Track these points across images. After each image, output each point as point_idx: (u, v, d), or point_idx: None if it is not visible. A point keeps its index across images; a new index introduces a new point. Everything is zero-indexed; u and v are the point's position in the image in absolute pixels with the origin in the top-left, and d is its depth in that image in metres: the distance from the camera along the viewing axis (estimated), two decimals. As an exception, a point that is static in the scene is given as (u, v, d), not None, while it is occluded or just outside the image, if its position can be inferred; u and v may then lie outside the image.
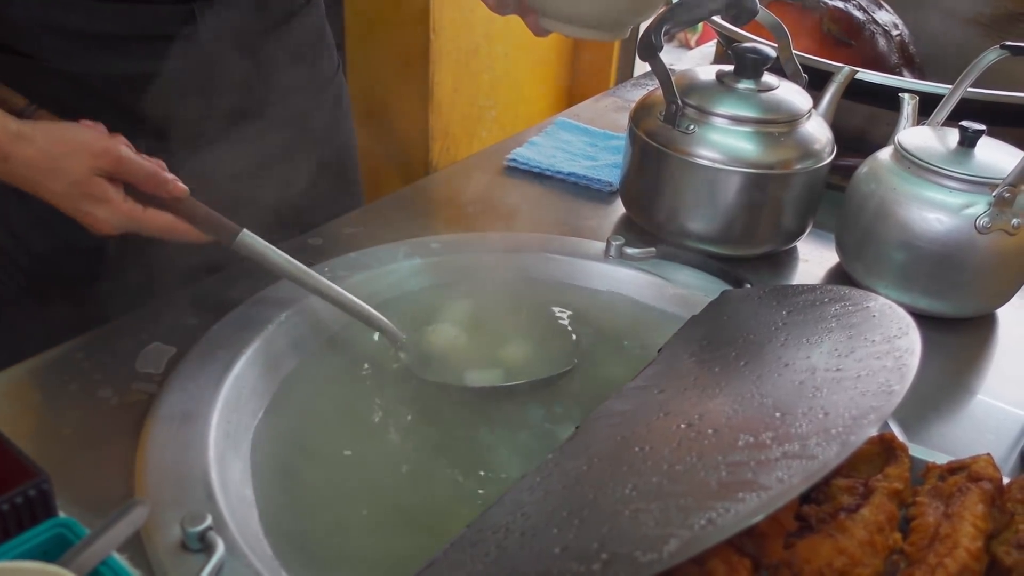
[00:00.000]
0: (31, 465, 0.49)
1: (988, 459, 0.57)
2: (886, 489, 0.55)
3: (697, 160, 0.88)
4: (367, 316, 0.75)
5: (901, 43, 1.31)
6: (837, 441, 0.48)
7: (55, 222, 0.84)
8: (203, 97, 0.80)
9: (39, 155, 0.65)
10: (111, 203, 0.67)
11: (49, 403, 0.68)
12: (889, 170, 0.85)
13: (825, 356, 0.59)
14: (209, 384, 0.68)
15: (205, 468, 0.61)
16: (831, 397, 0.53)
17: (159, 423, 0.65)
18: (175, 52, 0.76)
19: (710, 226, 0.91)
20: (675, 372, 0.67)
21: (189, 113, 0.84)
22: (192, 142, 0.86)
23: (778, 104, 0.89)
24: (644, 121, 0.93)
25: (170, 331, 0.76)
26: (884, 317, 0.62)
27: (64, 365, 0.72)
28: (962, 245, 0.81)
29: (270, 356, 0.73)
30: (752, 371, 0.61)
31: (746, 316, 0.72)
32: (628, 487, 0.52)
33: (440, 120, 2.12)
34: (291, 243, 0.89)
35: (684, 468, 0.51)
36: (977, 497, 0.53)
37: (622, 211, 1.02)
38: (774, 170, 0.88)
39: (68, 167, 0.65)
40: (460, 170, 1.12)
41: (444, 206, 1.05)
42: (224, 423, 0.66)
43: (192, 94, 0.84)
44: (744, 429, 0.53)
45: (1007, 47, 0.86)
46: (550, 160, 1.10)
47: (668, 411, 0.60)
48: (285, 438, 0.68)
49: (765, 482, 0.47)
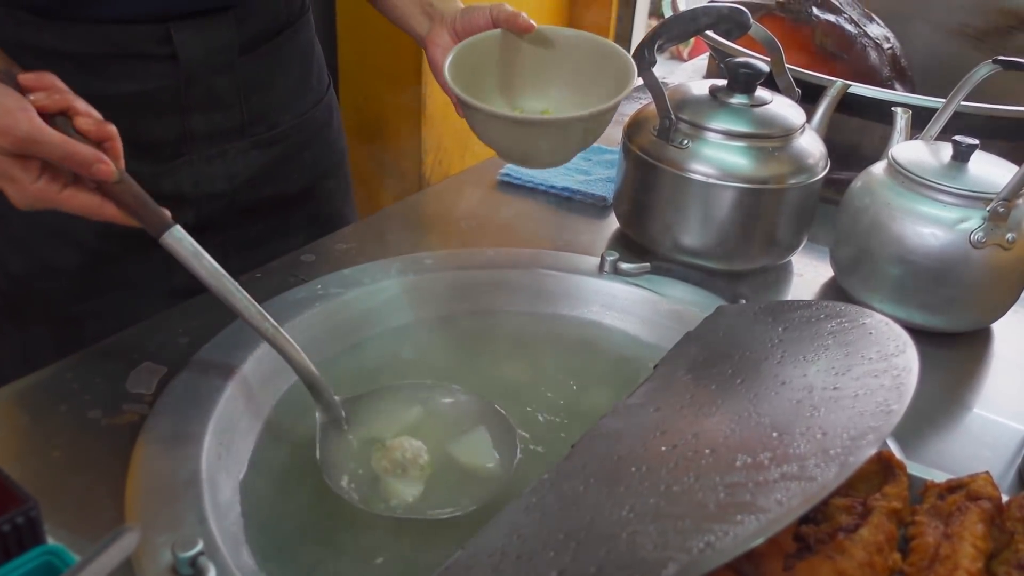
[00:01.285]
0: (19, 491, 0.49)
1: (987, 477, 0.57)
2: (885, 508, 0.55)
3: (691, 175, 0.88)
4: (295, 359, 0.67)
5: (892, 56, 1.32)
6: (836, 462, 0.47)
7: (32, 243, 0.84)
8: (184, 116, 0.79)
9: None
10: (16, 182, 0.63)
11: (38, 425, 0.67)
12: (883, 185, 0.85)
13: (822, 374, 0.59)
14: (201, 405, 0.68)
15: (197, 491, 0.60)
16: (829, 417, 0.53)
17: (150, 445, 0.64)
18: (152, 72, 0.76)
19: (704, 241, 0.91)
20: (671, 389, 0.67)
21: (169, 134, 0.84)
22: (174, 162, 0.85)
23: (771, 119, 0.89)
24: (637, 136, 0.93)
25: (161, 350, 0.75)
26: (881, 334, 0.61)
27: (54, 386, 0.71)
28: (957, 260, 0.81)
29: (262, 376, 0.73)
30: (749, 389, 0.61)
31: (742, 332, 0.72)
32: (625, 508, 0.51)
33: (433, 133, 2.12)
34: (284, 259, 0.89)
35: (682, 489, 0.51)
36: (977, 516, 0.53)
37: (616, 226, 1.01)
38: (768, 185, 0.88)
39: None
40: (453, 185, 1.12)
41: (437, 222, 1.04)
42: (216, 444, 0.65)
43: (171, 113, 0.83)
44: (742, 449, 0.52)
45: (999, 62, 0.87)
46: (543, 174, 1.10)
47: (664, 430, 0.60)
48: (278, 460, 0.68)
49: (764, 504, 0.46)
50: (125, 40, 0.77)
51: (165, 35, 0.78)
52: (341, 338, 0.80)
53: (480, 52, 0.82)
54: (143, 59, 0.78)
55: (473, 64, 0.82)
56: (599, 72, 0.81)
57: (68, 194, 0.65)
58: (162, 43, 0.78)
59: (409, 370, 0.78)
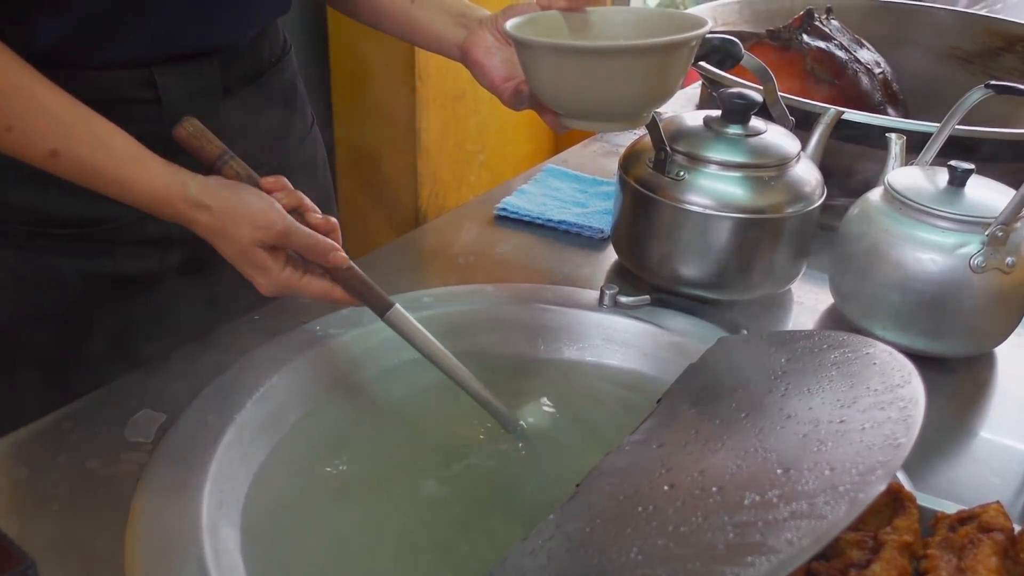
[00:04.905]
0: (15, 550, 0.48)
1: (998, 508, 0.56)
2: (896, 542, 0.54)
3: (688, 207, 0.88)
4: (496, 408, 0.76)
5: (884, 81, 1.32)
6: (846, 499, 0.46)
7: (18, 291, 0.83)
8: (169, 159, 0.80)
9: (214, 221, 0.69)
10: (268, 272, 0.71)
11: (36, 477, 0.66)
12: (880, 211, 0.85)
13: (827, 407, 0.58)
14: (200, 452, 0.67)
15: (198, 540, 0.60)
16: (836, 451, 0.52)
17: (149, 496, 0.63)
18: (136, 116, 0.76)
19: (703, 272, 0.91)
20: (675, 425, 0.66)
21: None
22: None
23: (767, 148, 0.89)
24: (633, 168, 0.93)
25: (159, 397, 0.74)
26: (885, 364, 0.61)
27: (51, 436, 0.70)
28: (957, 285, 0.80)
29: (261, 421, 0.72)
30: (754, 423, 0.60)
31: (744, 364, 0.71)
32: (633, 551, 0.50)
33: (429, 166, 2.13)
34: (281, 301, 0.88)
35: (690, 529, 0.50)
36: (990, 549, 0.52)
37: (614, 257, 1.01)
38: (765, 214, 0.88)
39: (235, 235, 0.69)
40: (450, 221, 1.12)
41: (435, 258, 1.04)
42: (217, 492, 0.64)
43: None
44: (749, 487, 0.52)
45: (992, 86, 0.87)
46: (540, 208, 1.10)
47: (670, 467, 0.59)
48: (278, 506, 0.67)
49: (774, 544, 0.45)
50: (108, 85, 0.77)
51: (149, 79, 0.79)
52: (340, 379, 0.80)
53: (539, 28, 0.75)
54: (126, 103, 0.78)
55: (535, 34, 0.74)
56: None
57: (307, 280, 0.72)
58: (146, 87, 0.79)
59: (407, 410, 0.78)
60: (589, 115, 0.74)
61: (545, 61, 0.71)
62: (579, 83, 0.70)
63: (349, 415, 0.77)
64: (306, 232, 0.71)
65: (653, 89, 0.72)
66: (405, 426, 0.76)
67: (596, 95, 0.71)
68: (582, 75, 0.70)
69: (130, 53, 0.77)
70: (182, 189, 0.69)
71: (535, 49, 0.71)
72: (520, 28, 0.73)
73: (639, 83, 0.70)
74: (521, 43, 0.71)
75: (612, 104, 0.72)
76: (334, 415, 0.76)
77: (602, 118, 0.75)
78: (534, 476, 0.71)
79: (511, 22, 0.74)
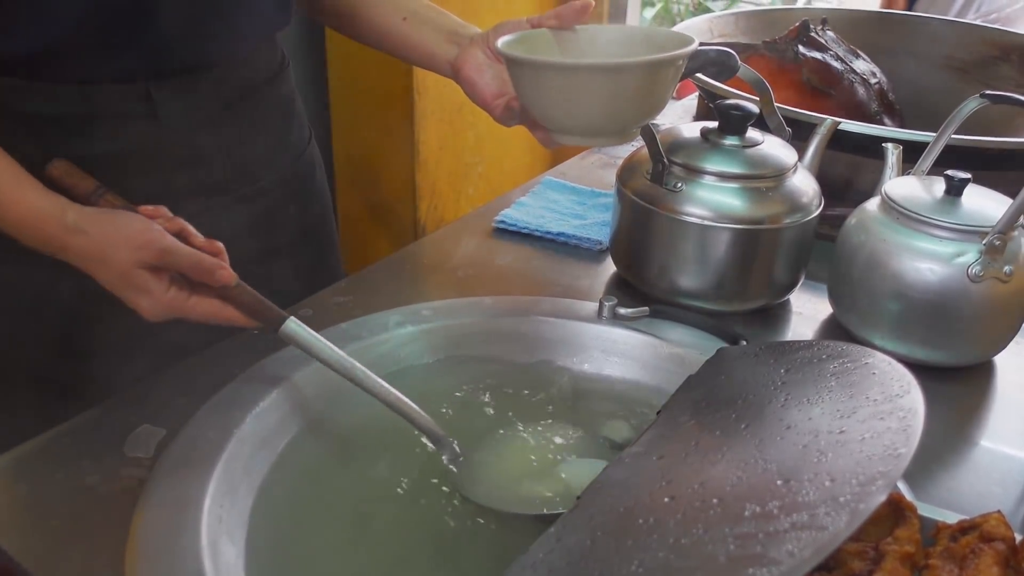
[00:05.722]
0: (16, 568, 0.48)
1: (999, 517, 0.56)
2: (897, 553, 0.54)
3: (686, 218, 0.88)
4: (414, 417, 0.73)
5: (880, 91, 1.33)
6: (846, 510, 0.46)
7: (12, 309, 0.83)
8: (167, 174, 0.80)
9: (91, 246, 0.68)
10: (151, 294, 0.69)
11: (35, 494, 0.66)
12: (877, 221, 0.86)
13: (827, 417, 0.58)
14: (200, 467, 0.67)
15: (198, 557, 0.59)
16: (837, 462, 0.52)
17: (149, 511, 0.63)
18: (133, 131, 0.76)
19: (702, 283, 0.91)
20: (675, 437, 0.66)
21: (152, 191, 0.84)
22: None
23: (764, 159, 0.90)
24: (631, 180, 0.93)
25: (159, 412, 0.74)
26: (884, 375, 0.61)
27: (50, 453, 0.70)
28: (956, 294, 0.81)
29: (261, 436, 0.72)
30: (754, 434, 0.60)
31: (744, 375, 0.71)
32: (634, 564, 0.50)
33: (427, 178, 2.13)
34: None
35: (691, 542, 0.50)
36: (992, 559, 0.52)
37: (613, 269, 1.01)
38: (763, 225, 0.88)
39: (113, 258, 0.67)
40: (448, 234, 1.12)
41: (434, 271, 1.04)
42: (217, 508, 0.64)
43: (154, 172, 0.83)
44: (750, 498, 0.52)
45: (987, 96, 0.87)
46: (538, 220, 1.10)
47: (671, 479, 0.59)
48: (279, 521, 0.67)
49: (775, 556, 0.45)
50: (106, 100, 0.77)
51: (145, 95, 0.79)
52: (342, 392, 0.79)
53: (529, 46, 0.77)
54: (124, 119, 0.78)
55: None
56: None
57: (194, 301, 0.70)
58: (143, 102, 0.79)
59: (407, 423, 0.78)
60: (578, 131, 0.76)
61: (534, 78, 0.73)
62: (567, 100, 0.72)
63: (350, 429, 0.76)
64: (189, 250, 0.69)
65: (640, 106, 0.73)
66: (408, 438, 0.76)
67: (583, 111, 0.73)
68: (569, 92, 0.71)
69: (126, 67, 0.77)
70: (60, 215, 0.68)
71: (525, 66, 0.73)
72: (511, 46, 0.75)
73: (626, 100, 0.72)
74: (511, 60, 0.73)
75: (600, 120, 0.74)
76: (334, 430, 0.76)
77: (591, 134, 0.76)
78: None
79: (502, 40, 0.76)
